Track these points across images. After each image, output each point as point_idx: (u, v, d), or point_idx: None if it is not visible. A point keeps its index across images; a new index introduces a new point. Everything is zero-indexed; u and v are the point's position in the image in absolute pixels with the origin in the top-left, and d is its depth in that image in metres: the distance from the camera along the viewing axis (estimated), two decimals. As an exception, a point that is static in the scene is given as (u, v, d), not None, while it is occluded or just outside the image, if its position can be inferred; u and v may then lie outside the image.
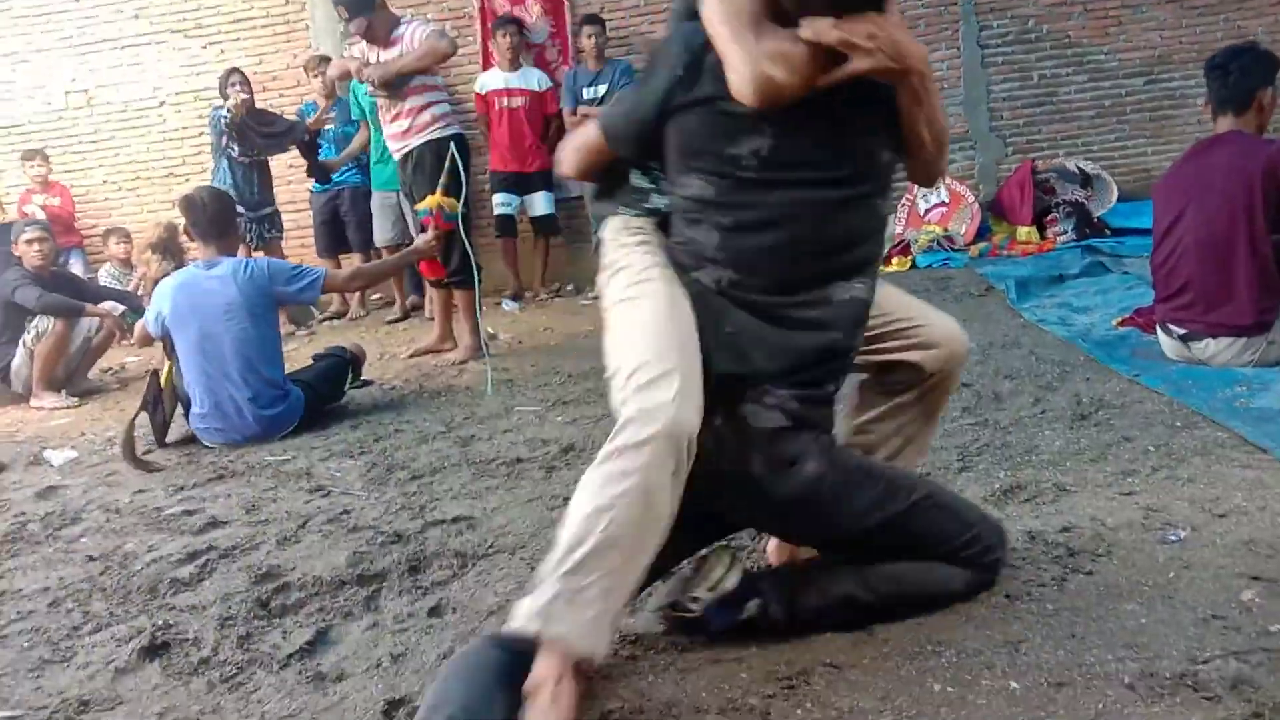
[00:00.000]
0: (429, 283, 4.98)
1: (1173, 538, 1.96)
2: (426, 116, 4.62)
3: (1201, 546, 1.91)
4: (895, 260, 6.26)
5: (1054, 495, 2.27)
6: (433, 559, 2.32)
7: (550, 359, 4.60)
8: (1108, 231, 6.24)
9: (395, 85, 4.53)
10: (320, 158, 6.48)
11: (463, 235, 4.28)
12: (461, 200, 4.16)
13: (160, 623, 2.10)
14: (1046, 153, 6.99)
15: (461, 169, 4.16)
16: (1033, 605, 1.74)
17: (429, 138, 4.62)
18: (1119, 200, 6.47)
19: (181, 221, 4.16)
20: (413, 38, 4.51)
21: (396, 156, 4.78)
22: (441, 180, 4.15)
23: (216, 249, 3.83)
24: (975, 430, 2.81)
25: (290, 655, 1.92)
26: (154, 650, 1.98)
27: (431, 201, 4.11)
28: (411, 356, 5.01)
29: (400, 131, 4.65)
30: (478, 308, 4.54)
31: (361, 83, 4.66)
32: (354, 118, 6.51)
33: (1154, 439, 2.56)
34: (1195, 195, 3.13)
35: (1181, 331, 3.19)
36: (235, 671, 1.88)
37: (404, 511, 2.70)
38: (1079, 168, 6.59)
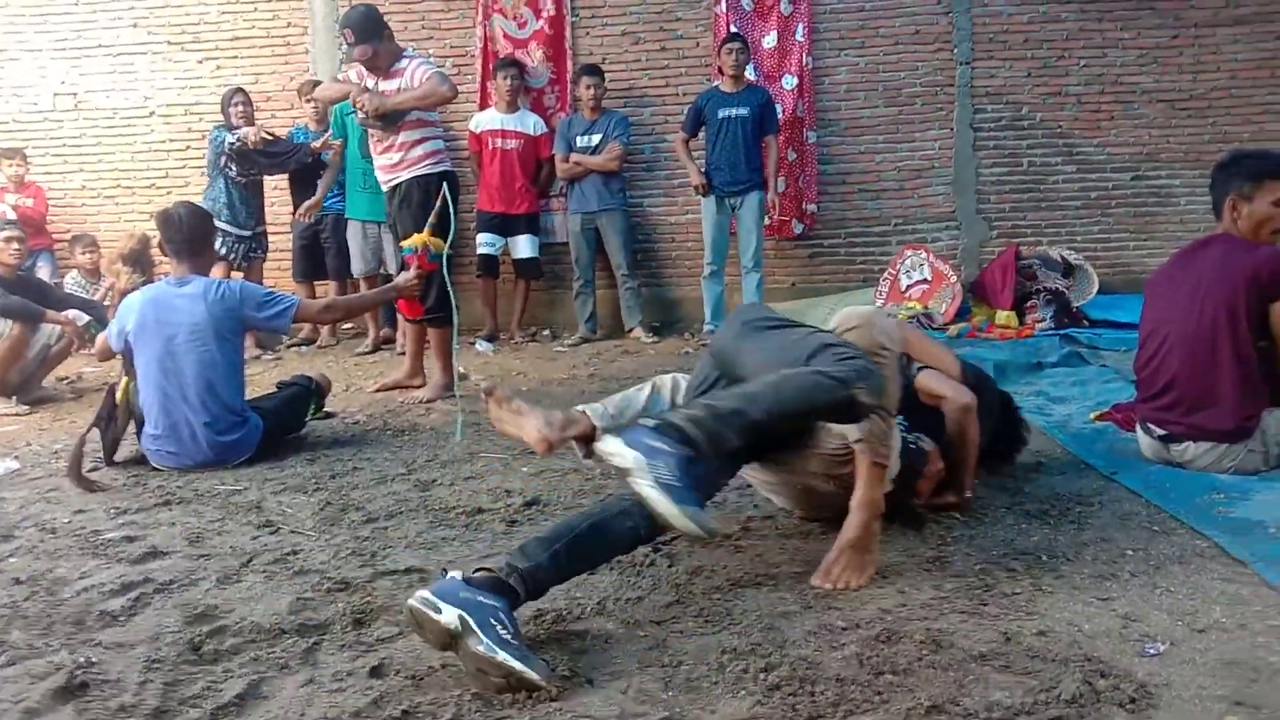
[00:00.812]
0: (404, 319, 4.88)
1: (1152, 651, 1.89)
2: (419, 151, 4.57)
3: (1181, 663, 1.84)
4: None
5: (1030, 595, 2.19)
6: (380, 612, 2.20)
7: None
8: (1086, 322, 6.26)
9: (390, 119, 4.48)
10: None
11: (444, 272, 4.21)
12: (448, 241, 4.08)
13: (82, 660, 1.97)
14: (1031, 239, 7.04)
15: (451, 209, 4.10)
16: (1010, 715, 1.65)
17: (420, 173, 4.56)
18: (1099, 292, 6.51)
19: (156, 235, 4.06)
20: (414, 75, 4.46)
21: (385, 188, 4.71)
22: (430, 220, 4.08)
23: (189, 267, 3.73)
24: (950, 519, 2.74)
25: (217, 709, 1.79)
26: (70, 691, 1.85)
27: (417, 240, 4.03)
28: (378, 390, 4.91)
29: (391, 164, 4.59)
30: (453, 346, 4.45)
31: (355, 109, 4.59)
32: (332, 139, 6.44)
33: (1132, 542, 2.50)
34: (1183, 296, 3.11)
35: (1161, 432, 3.15)
36: (155, 722, 1.75)
37: (354, 557, 2.58)
38: (1062, 256, 6.63)
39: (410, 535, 2.75)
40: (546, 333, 6.83)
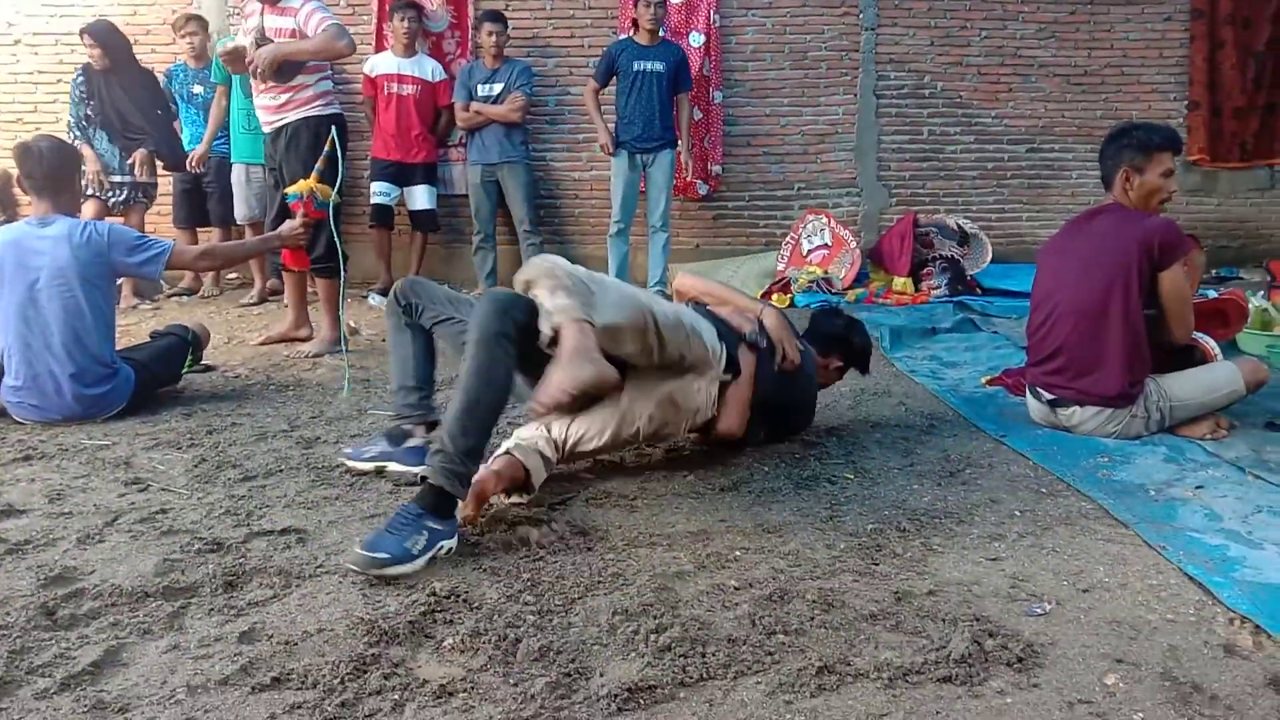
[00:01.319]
0: (286, 271, 4.64)
1: (1038, 610, 1.91)
2: (310, 92, 4.35)
3: (1066, 623, 1.86)
4: (775, 296, 6.27)
5: (922, 554, 2.20)
6: (253, 575, 2.08)
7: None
8: (979, 290, 6.40)
9: (284, 72, 4.24)
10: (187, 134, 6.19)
11: (332, 222, 4.01)
12: (336, 189, 3.88)
13: (-85, 628, 1.81)
14: (929, 207, 7.15)
15: (339, 155, 3.89)
16: (900, 674, 1.65)
17: (308, 114, 4.34)
18: (992, 261, 6.65)
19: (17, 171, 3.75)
20: (309, 20, 4.22)
21: (267, 130, 4.46)
22: (317, 165, 3.87)
23: (51, 205, 3.46)
24: (844, 479, 2.75)
25: (69, 678, 1.66)
26: (-101, 662, 1.69)
27: (303, 186, 3.82)
28: (262, 344, 4.69)
29: (277, 105, 4.35)
30: (340, 299, 4.27)
31: (249, 74, 4.31)
32: (214, 81, 6.10)
33: (1020, 503, 2.54)
34: (1074, 264, 3.17)
35: (1050, 396, 3.22)
36: (-5, 694, 1.61)
37: (228, 517, 2.43)
38: (958, 225, 6.75)
39: (290, 494, 2.61)
40: (445, 288, 6.65)
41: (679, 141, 6.27)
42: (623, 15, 6.73)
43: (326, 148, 3.85)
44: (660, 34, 6.16)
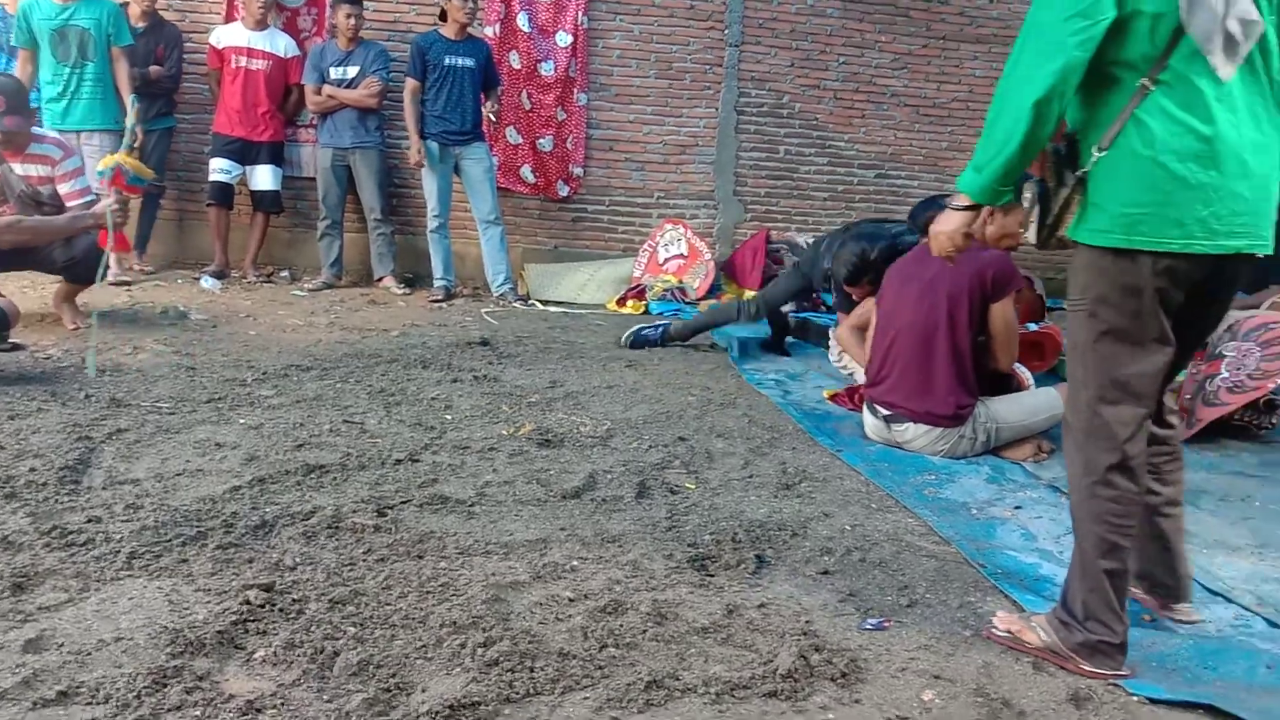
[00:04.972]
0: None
1: (865, 626, 1.96)
2: None
3: (889, 638, 1.91)
4: (630, 303, 6.28)
5: (755, 567, 2.23)
6: (46, 576, 1.91)
7: (246, 350, 4.14)
8: (824, 308, 6.59)
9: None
10: None
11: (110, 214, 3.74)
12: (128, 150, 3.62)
13: None
14: (781, 224, 7.32)
15: (138, 123, 3.63)
16: (727, 689, 1.64)
17: None
18: (838, 280, 6.87)
19: None
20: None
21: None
22: (126, 140, 3.61)
23: None
24: (686, 488, 2.75)
25: None
26: None
27: (111, 161, 3.56)
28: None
29: None
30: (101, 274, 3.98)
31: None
32: (14, 44, 5.58)
33: (851, 518, 2.61)
34: (914, 289, 3.29)
35: (886, 413, 3.33)
36: None
37: (23, 512, 2.23)
38: (808, 244, 6.93)
39: (96, 486, 2.42)
40: (285, 274, 6.35)
41: (488, 136, 6.19)
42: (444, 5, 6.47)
43: (131, 116, 3.61)
44: (469, 30, 6.00)
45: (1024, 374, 3.53)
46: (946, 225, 2.01)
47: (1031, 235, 1.93)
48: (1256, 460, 3.50)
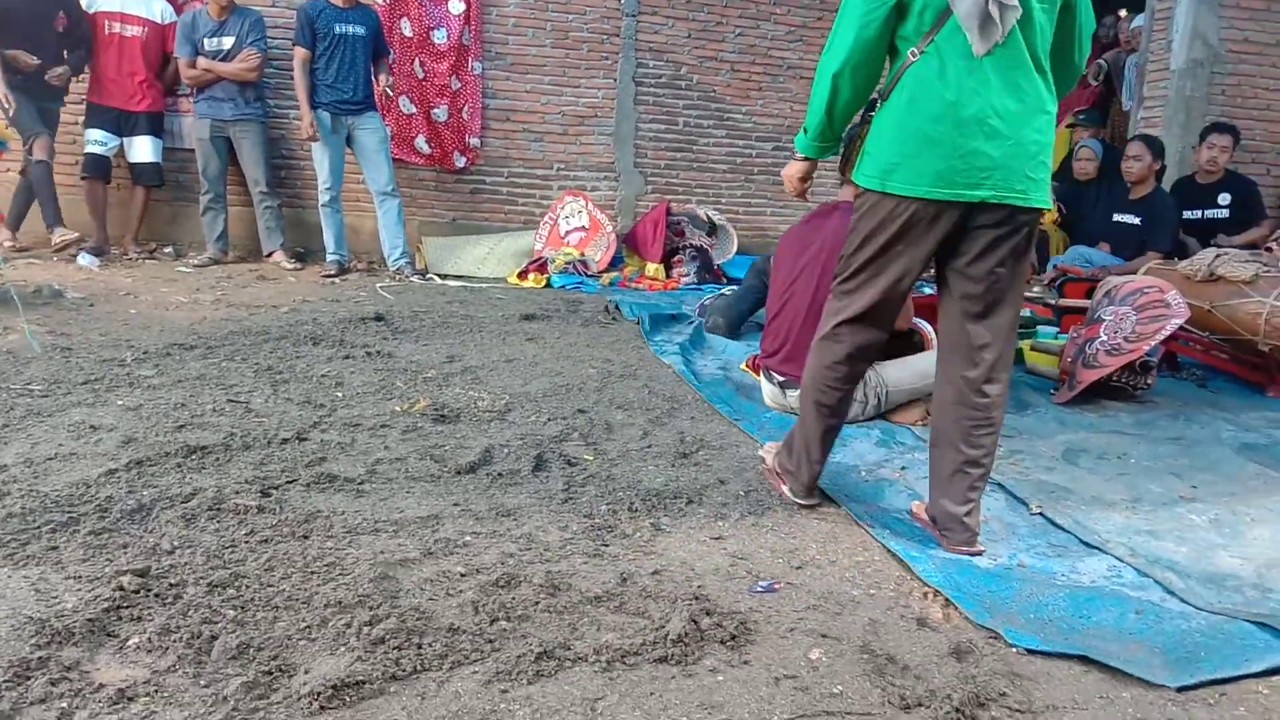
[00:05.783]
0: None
1: (756, 589, 1.98)
2: None
3: (779, 600, 1.94)
4: (532, 276, 6.22)
5: (650, 535, 2.23)
6: (-105, 569, 1.80)
7: (126, 329, 3.96)
8: (725, 279, 6.64)
9: None
10: None
11: None
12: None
13: None
14: (681, 197, 7.34)
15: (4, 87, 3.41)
16: (618, 656, 1.65)
17: None
18: (738, 252, 6.93)
19: None
20: None
21: None
22: None
23: None
24: (583, 460, 2.75)
25: None
26: None
27: None
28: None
29: None
30: None
31: None
32: None
33: (745, 484, 2.64)
34: (805, 257, 3.34)
35: (781, 378, 3.38)
36: None
37: None
38: (708, 216, 6.97)
39: (-44, 475, 2.29)
40: (169, 250, 6.10)
41: (380, 105, 6.04)
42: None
43: None
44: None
45: (925, 328, 3.55)
46: (788, 171, 2.49)
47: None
48: (1132, 420, 3.66)
